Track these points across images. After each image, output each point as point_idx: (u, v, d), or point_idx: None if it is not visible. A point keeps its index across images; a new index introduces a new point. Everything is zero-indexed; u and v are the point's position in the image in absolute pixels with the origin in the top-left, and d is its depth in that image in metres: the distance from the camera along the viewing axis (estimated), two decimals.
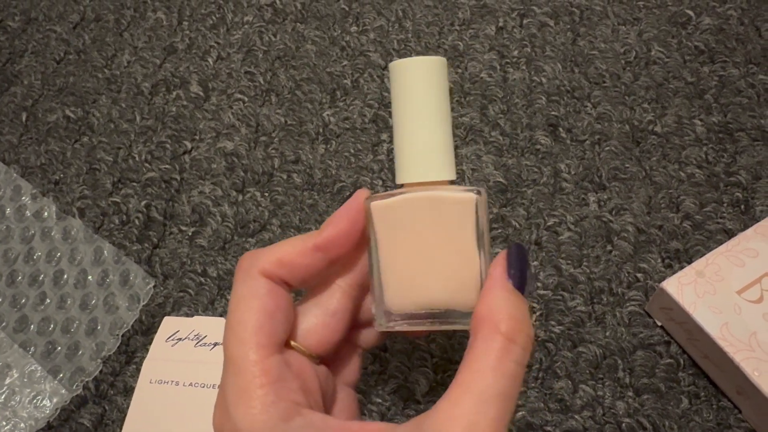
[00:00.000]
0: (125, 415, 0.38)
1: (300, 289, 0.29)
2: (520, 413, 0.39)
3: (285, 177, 0.49)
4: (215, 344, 0.39)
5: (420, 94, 0.25)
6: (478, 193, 0.25)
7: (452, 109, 0.50)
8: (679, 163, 0.47)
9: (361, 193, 0.27)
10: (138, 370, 0.41)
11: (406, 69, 0.25)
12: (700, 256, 0.41)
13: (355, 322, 0.31)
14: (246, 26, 0.57)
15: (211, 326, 0.40)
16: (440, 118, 0.26)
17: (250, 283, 0.26)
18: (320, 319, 0.28)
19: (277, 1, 0.58)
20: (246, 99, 0.53)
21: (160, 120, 0.52)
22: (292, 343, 0.28)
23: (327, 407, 0.28)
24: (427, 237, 0.25)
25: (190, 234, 0.47)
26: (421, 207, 0.25)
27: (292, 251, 0.27)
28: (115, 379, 0.42)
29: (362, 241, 0.28)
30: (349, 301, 0.29)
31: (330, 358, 0.30)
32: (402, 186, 0.26)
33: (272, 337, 0.25)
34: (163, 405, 0.37)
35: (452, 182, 0.27)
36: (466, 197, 0.25)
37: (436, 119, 0.26)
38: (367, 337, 0.32)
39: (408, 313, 0.25)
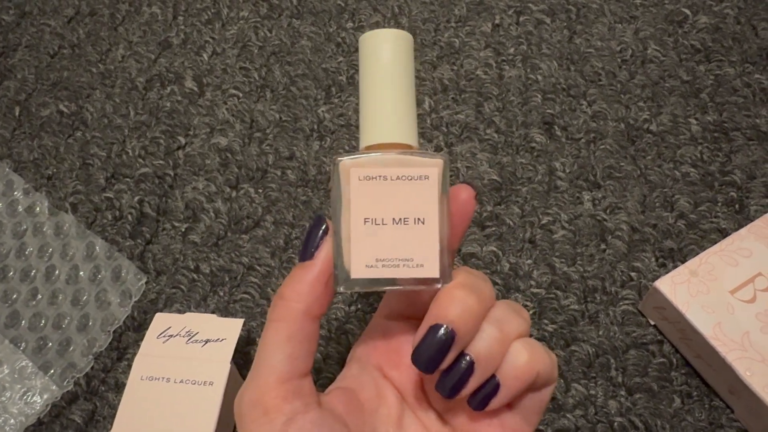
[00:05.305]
0: (116, 412, 0.38)
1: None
2: None
3: (279, 173, 0.48)
4: (207, 341, 0.39)
5: (389, 61, 0.26)
6: (443, 157, 0.26)
7: (447, 106, 0.50)
8: (674, 162, 0.46)
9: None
10: (129, 366, 0.41)
11: (376, 38, 0.27)
12: (694, 256, 0.41)
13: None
14: (241, 21, 0.57)
15: (203, 323, 0.40)
16: (406, 86, 0.27)
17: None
18: None
19: None
20: (241, 95, 0.52)
21: (154, 115, 0.52)
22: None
23: None
24: (391, 198, 0.25)
25: (183, 230, 0.46)
26: (389, 166, 0.25)
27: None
28: (107, 375, 0.42)
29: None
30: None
31: None
32: (368, 149, 0.26)
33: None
34: (154, 401, 0.37)
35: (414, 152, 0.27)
36: (433, 160, 0.25)
37: (403, 87, 0.27)
38: None
39: (366, 275, 0.25)
